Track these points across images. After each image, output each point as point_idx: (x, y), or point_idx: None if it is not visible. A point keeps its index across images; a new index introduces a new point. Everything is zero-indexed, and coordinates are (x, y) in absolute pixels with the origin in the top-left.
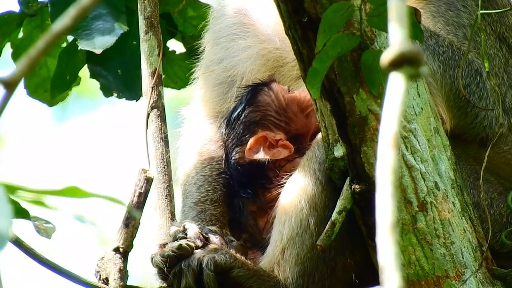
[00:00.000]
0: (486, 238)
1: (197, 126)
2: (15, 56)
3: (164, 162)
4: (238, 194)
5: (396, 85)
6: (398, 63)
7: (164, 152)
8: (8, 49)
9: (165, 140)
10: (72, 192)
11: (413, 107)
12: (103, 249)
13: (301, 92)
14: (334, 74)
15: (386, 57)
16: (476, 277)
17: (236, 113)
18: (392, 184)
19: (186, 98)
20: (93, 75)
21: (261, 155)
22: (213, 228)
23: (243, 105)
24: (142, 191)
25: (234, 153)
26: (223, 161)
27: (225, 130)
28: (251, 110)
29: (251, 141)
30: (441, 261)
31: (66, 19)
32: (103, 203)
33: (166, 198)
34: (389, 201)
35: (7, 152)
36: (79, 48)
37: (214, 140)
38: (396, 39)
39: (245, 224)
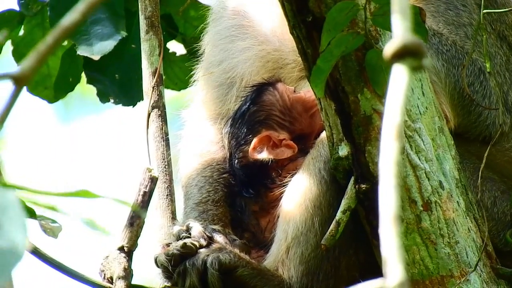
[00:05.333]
0: (490, 237)
1: (197, 128)
2: (16, 54)
3: (165, 162)
4: (240, 194)
5: (399, 77)
6: (401, 55)
7: (165, 152)
8: (8, 47)
9: (166, 140)
10: (82, 194)
11: (418, 106)
12: (108, 248)
13: (307, 92)
14: (339, 73)
15: (389, 49)
16: (480, 276)
17: (240, 112)
18: (395, 176)
19: (186, 100)
20: (90, 81)
21: (264, 155)
22: (216, 227)
23: (247, 104)
24: (146, 190)
25: (237, 152)
26: (225, 161)
27: (229, 129)
28: (255, 109)
29: (255, 140)
30: (446, 260)
31: (75, 14)
32: (109, 204)
33: (167, 197)
34: (392, 194)
35: (11, 152)
36: (77, 53)
37: (215, 141)
38: (398, 31)
39: (247, 224)
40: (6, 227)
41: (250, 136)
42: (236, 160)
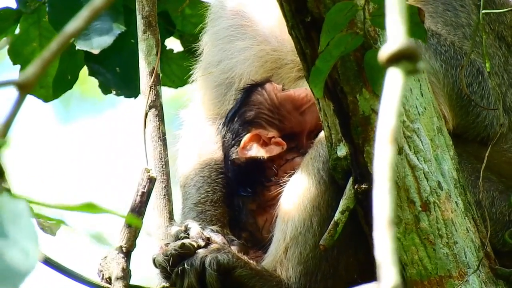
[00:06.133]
0: (488, 237)
1: (196, 127)
2: (12, 53)
3: (162, 161)
4: (237, 193)
5: (394, 80)
6: (396, 58)
7: (162, 151)
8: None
9: (163, 140)
10: (87, 208)
11: (416, 106)
12: (106, 248)
13: (296, 90)
14: (337, 73)
15: (384, 53)
16: (479, 276)
17: (231, 114)
18: (390, 180)
19: (185, 100)
20: (91, 73)
21: (254, 153)
22: (214, 227)
23: (237, 106)
24: (145, 190)
25: (231, 153)
26: (222, 161)
27: (223, 130)
28: (245, 109)
29: (244, 139)
30: (444, 261)
31: (78, 21)
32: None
33: (164, 197)
34: (387, 197)
35: (10, 154)
36: (76, 48)
37: (213, 141)
38: (393, 35)
39: (245, 223)
40: (18, 237)
41: (242, 135)
42: (230, 161)
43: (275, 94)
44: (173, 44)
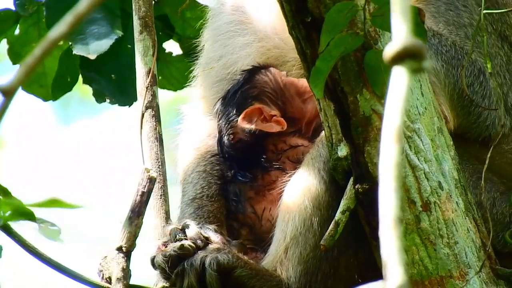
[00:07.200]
0: (489, 237)
1: (195, 122)
2: (11, 54)
3: (159, 162)
4: (235, 179)
5: (399, 79)
6: (401, 57)
7: (158, 152)
8: (4, 45)
9: (159, 140)
10: (53, 204)
11: (417, 107)
12: (106, 248)
13: (300, 79)
14: (338, 74)
15: (389, 52)
16: (479, 277)
17: (232, 91)
18: (395, 179)
19: (185, 98)
20: (86, 81)
21: (253, 126)
22: (212, 227)
23: (240, 83)
24: (145, 190)
25: (228, 128)
26: (217, 150)
27: (220, 108)
28: (249, 86)
29: (246, 110)
30: (445, 261)
31: (62, 26)
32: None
33: (161, 198)
34: (392, 196)
35: (8, 155)
36: (73, 52)
37: (212, 135)
38: (398, 34)
39: (243, 215)
40: None
41: (243, 109)
42: (227, 137)
43: (280, 77)
44: (172, 47)
